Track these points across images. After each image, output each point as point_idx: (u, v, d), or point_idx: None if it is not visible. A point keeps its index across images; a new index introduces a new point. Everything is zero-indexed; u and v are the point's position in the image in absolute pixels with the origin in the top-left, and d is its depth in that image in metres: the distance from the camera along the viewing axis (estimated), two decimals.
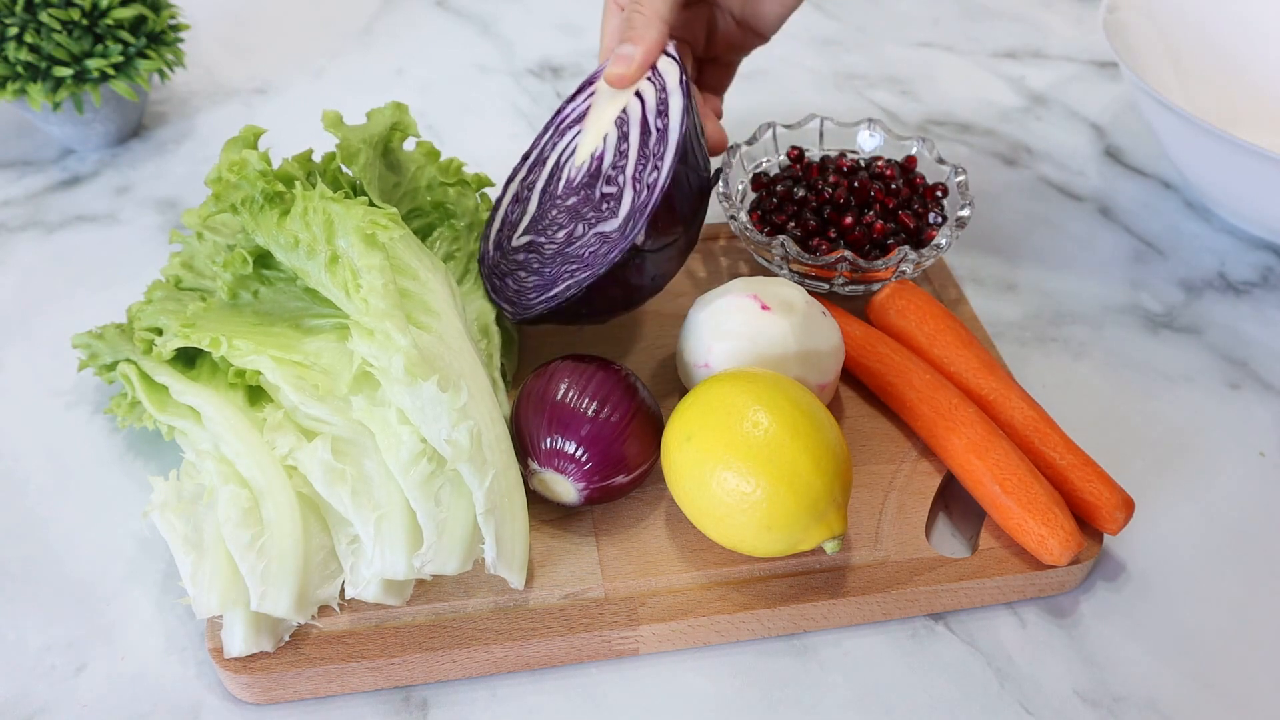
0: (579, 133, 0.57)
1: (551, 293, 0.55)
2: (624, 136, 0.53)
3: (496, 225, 0.61)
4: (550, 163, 0.58)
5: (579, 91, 0.60)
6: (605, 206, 0.52)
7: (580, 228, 0.54)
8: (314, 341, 0.55)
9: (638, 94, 0.55)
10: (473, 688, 0.51)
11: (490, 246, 0.61)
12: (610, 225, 0.52)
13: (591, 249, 0.53)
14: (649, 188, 0.51)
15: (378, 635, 0.50)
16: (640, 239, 0.51)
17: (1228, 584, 0.56)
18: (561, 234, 0.55)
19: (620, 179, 0.52)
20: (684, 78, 0.53)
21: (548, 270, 0.55)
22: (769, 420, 0.49)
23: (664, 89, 0.53)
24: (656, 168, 0.51)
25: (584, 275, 0.52)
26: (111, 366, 0.60)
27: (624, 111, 0.55)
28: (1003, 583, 0.53)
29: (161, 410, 0.56)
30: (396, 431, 0.50)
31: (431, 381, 0.50)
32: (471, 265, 0.63)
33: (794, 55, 0.97)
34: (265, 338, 0.55)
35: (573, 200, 0.55)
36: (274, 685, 0.49)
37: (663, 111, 0.52)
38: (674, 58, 0.54)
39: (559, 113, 0.60)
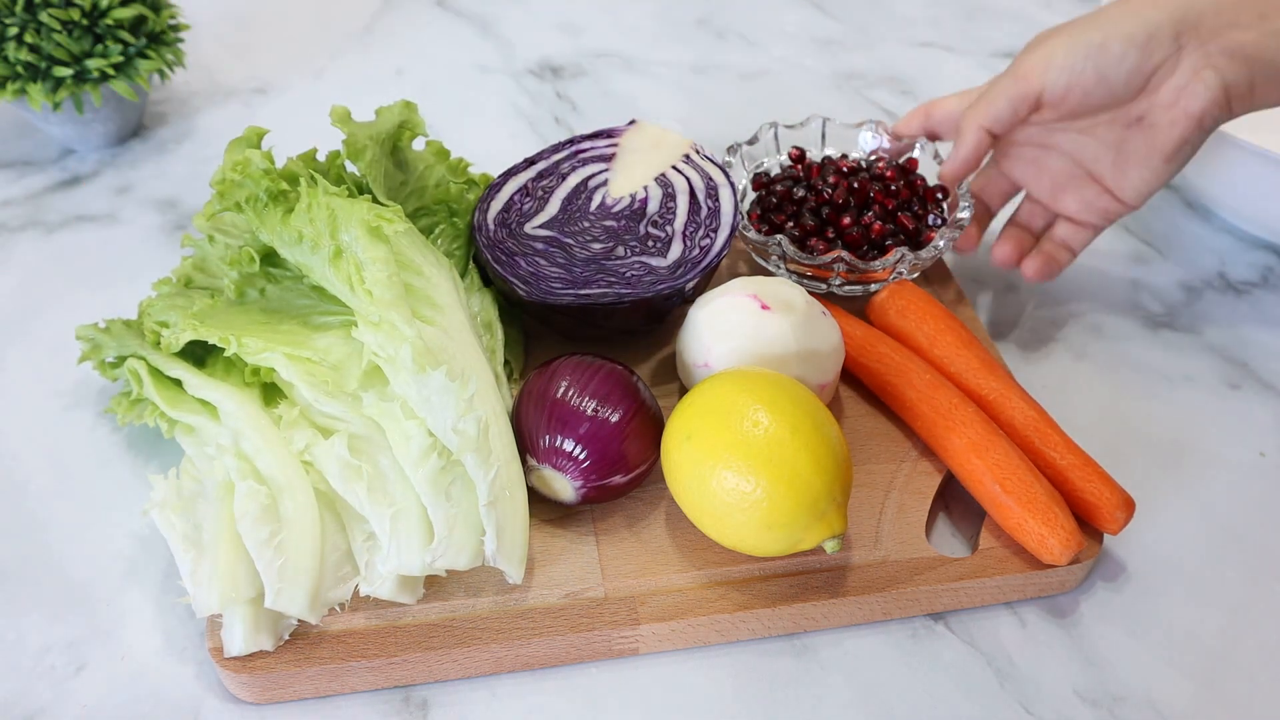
0: (606, 170, 0.66)
1: (585, 291, 0.59)
2: (670, 197, 0.64)
3: (500, 205, 0.64)
4: (572, 181, 0.65)
5: (598, 135, 0.67)
6: (652, 244, 0.62)
7: (622, 249, 0.62)
8: (323, 338, 0.55)
9: (675, 168, 0.65)
10: (473, 687, 0.51)
11: (491, 223, 0.63)
12: (658, 261, 0.61)
13: (635, 272, 0.60)
14: (702, 249, 0.61)
15: (378, 635, 0.50)
16: (689, 287, 0.60)
17: (1228, 584, 0.56)
18: (598, 246, 0.62)
19: (668, 229, 0.63)
20: (730, 179, 0.65)
21: (577, 270, 0.61)
22: (769, 420, 0.49)
23: (711, 180, 0.65)
24: (709, 237, 0.62)
25: (626, 291, 0.59)
26: (117, 364, 0.60)
27: (664, 177, 0.65)
28: (1003, 582, 0.53)
29: (174, 406, 0.56)
30: (405, 427, 0.51)
31: (440, 371, 0.50)
32: (472, 263, 0.64)
33: (794, 55, 0.97)
34: (274, 335, 0.55)
35: (611, 223, 0.63)
36: (274, 685, 0.49)
37: (712, 195, 0.64)
38: (719, 166, 0.66)
39: (575, 143, 0.67)
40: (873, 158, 0.72)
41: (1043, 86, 0.59)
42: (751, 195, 0.71)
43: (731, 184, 0.64)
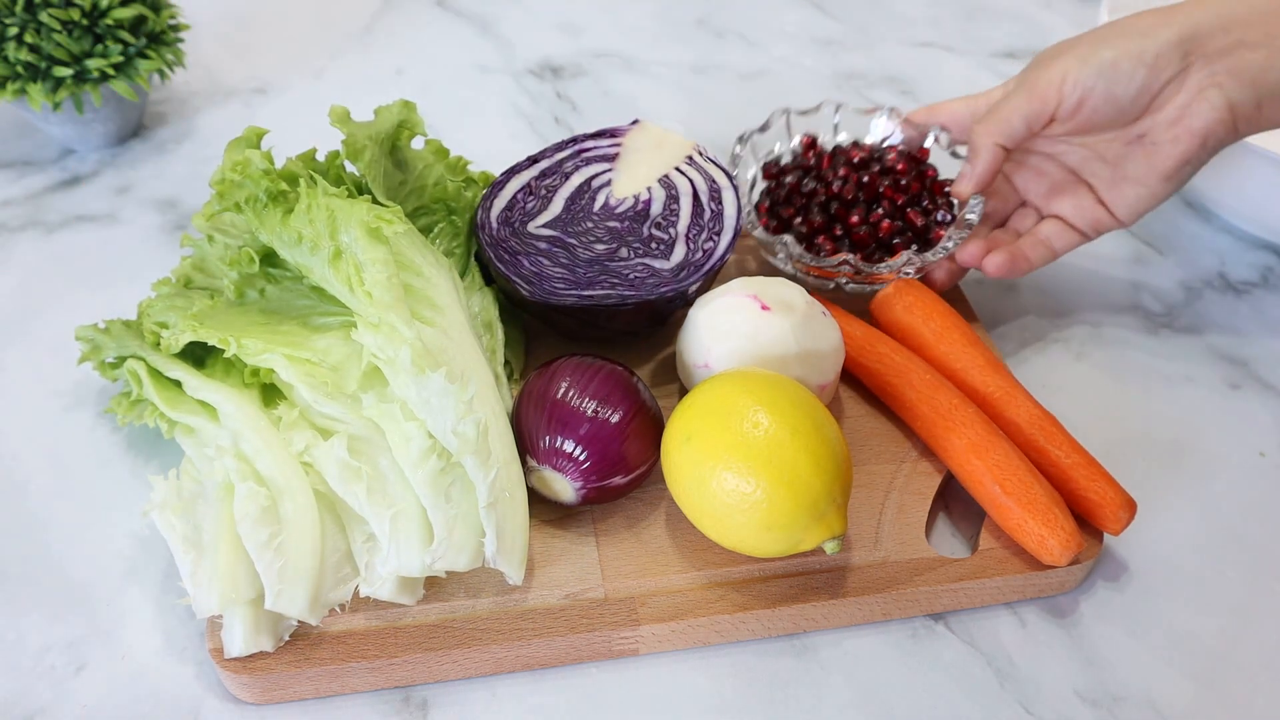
0: (610, 170, 0.66)
1: (588, 292, 0.59)
2: (673, 199, 0.64)
3: (503, 204, 0.64)
4: (575, 180, 0.65)
5: (600, 134, 0.67)
6: (655, 246, 0.62)
7: (626, 251, 0.62)
8: (323, 339, 0.55)
9: (678, 169, 0.65)
10: (473, 688, 0.51)
11: (494, 221, 0.63)
12: (661, 264, 0.61)
13: (639, 274, 0.60)
14: (705, 253, 0.61)
15: (378, 635, 0.50)
16: (692, 290, 0.60)
17: (1228, 584, 0.56)
18: (601, 247, 0.62)
19: (672, 231, 0.62)
20: (733, 182, 0.65)
21: (580, 270, 0.61)
22: (769, 420, 0.49)
23: (714, 182, 0.65)
24: (713, 240, 0.62)
25: (629, 293, 0.59)
26: (117, 364, 0.60)
27: (667, 178, 0.65)
28: (1003, 583, 0.53)
29: (173, 407, 0.56)
30: (404, 428, 0.51)
31: (439, 373, 0.50)
32: (473, 262, 0.64)
33: (794, 55, 0.97)
34: (274, 336, 0.55)
35: (614, 224, 0.63)
36: (274, 685, 0.49)
37: (715, 198, 0.64)
38: (722, 168, 0.65)
39: (578, 142, 0.67)
40: (884, 145, 0.71)
41: (1058, 103, 0.60)
42: (761, 184, 0.70)
43: (735, 186, 0.64)
